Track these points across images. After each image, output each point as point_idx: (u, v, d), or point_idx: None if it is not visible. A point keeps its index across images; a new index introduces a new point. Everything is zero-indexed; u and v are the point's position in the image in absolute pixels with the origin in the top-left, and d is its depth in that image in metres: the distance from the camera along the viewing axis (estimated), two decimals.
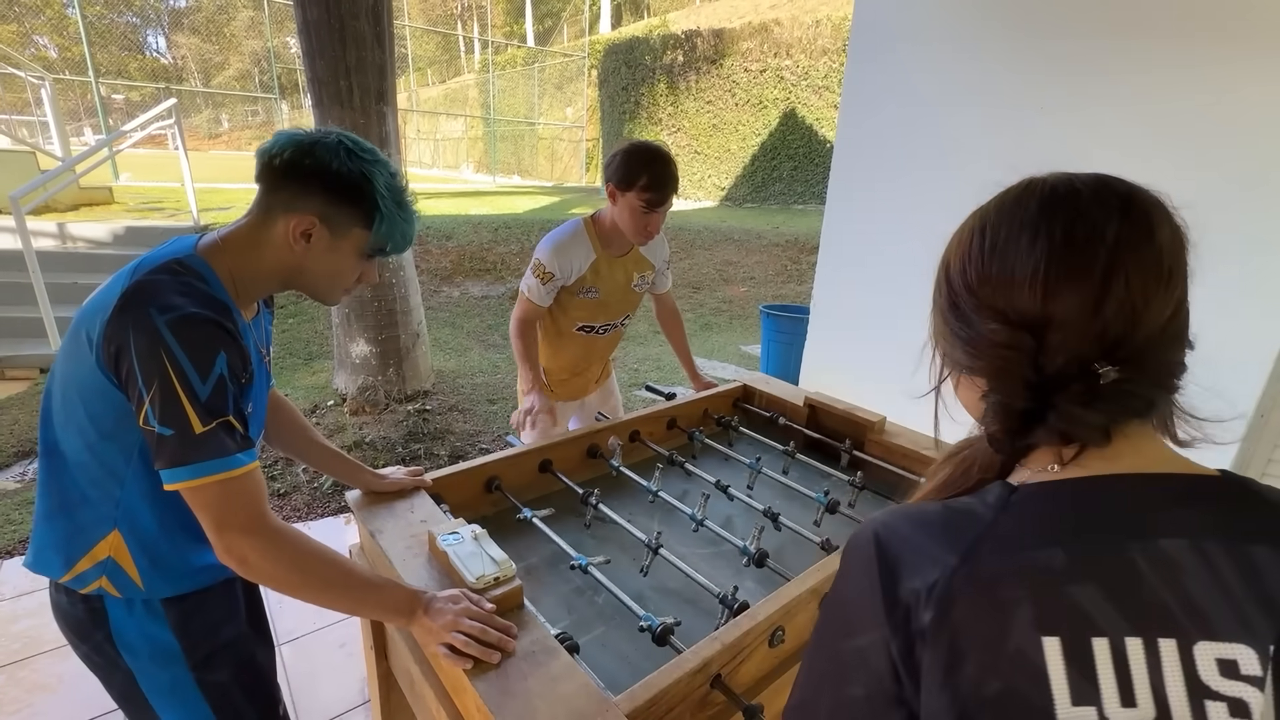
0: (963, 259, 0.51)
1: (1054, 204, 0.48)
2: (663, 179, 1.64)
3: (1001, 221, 0.50)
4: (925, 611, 0.43)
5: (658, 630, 0.99)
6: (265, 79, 18.18)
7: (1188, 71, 2.28)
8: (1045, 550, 0.43)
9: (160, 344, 0.76)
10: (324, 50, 3.10)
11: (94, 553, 0.87)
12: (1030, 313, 0.46)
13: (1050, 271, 0.46)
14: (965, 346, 0.51)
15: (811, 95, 10.89)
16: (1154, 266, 0.47)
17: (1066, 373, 0.45)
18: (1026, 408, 0.47)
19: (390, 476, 1.27)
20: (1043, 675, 0.40)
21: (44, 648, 1.91)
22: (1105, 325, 0.45)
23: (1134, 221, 0.47)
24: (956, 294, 0.51)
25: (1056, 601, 0.41)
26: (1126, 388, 0.45)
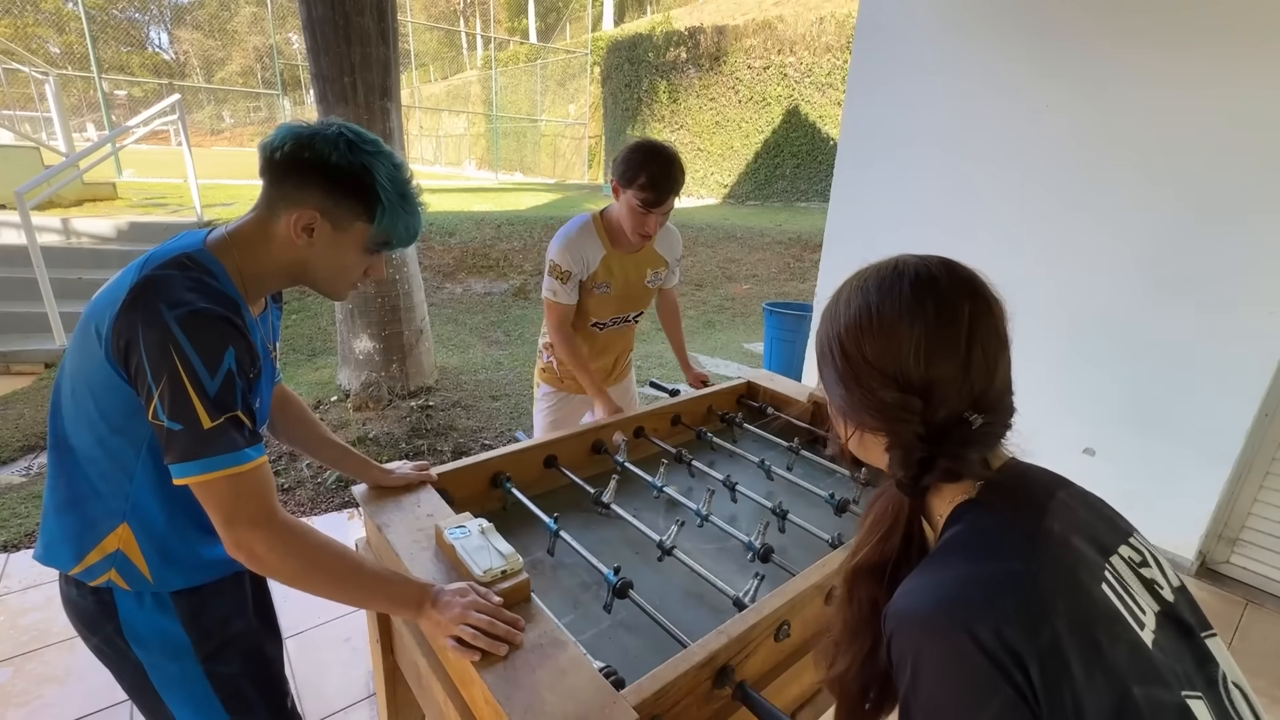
0: (856, 335, 0.62)
1: (920, 288, 0.61)
2: (659, 180, 1.60)
3: (883, 302, 0.61)
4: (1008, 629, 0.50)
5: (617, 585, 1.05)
6: (268, 75, 18.17)
7: (1192, 71, 2.28)
8: (1021, 525, 0.58)
9: (169, 339, 0.76)
10: (328, 46, 3.10)
11: (103, 545, 0.88)
12: (917, 378, 0.59)
13: (928, 345, 0.58)
14: (865, 412, 0.62)
15: (815, 92, 10.86)
16: (996, 335, 0.61)
17: (947, 424, 0.59)
18: (922, 456, 0.60)
19: (397, 471, 1.27)
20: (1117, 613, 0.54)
21: (52, 640, 1.93)
22: (971, 383, 0.59)
23: (978, 303, 0.61)
24: (855, 365, 0.62)
25: (1072, 554, 0.56)
26: (989, 429, 0.59)
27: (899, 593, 0.59)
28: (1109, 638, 0.51)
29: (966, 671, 0.51)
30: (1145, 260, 2.47)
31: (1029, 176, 2.73)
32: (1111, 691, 0.49)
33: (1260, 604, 2.40)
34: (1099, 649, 0.50)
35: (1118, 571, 0.57)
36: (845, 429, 0.67)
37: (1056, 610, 0.51)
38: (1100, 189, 2.55)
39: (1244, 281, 2.26)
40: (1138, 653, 0.52)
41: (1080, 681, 0.49)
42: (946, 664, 0.52)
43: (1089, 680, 0.49)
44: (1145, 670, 0.51)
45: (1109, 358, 2.59)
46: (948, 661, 0.52)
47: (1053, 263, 2.71)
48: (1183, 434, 2.46)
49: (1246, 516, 2.49)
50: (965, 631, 0.51)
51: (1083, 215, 2.60)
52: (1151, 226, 2.44)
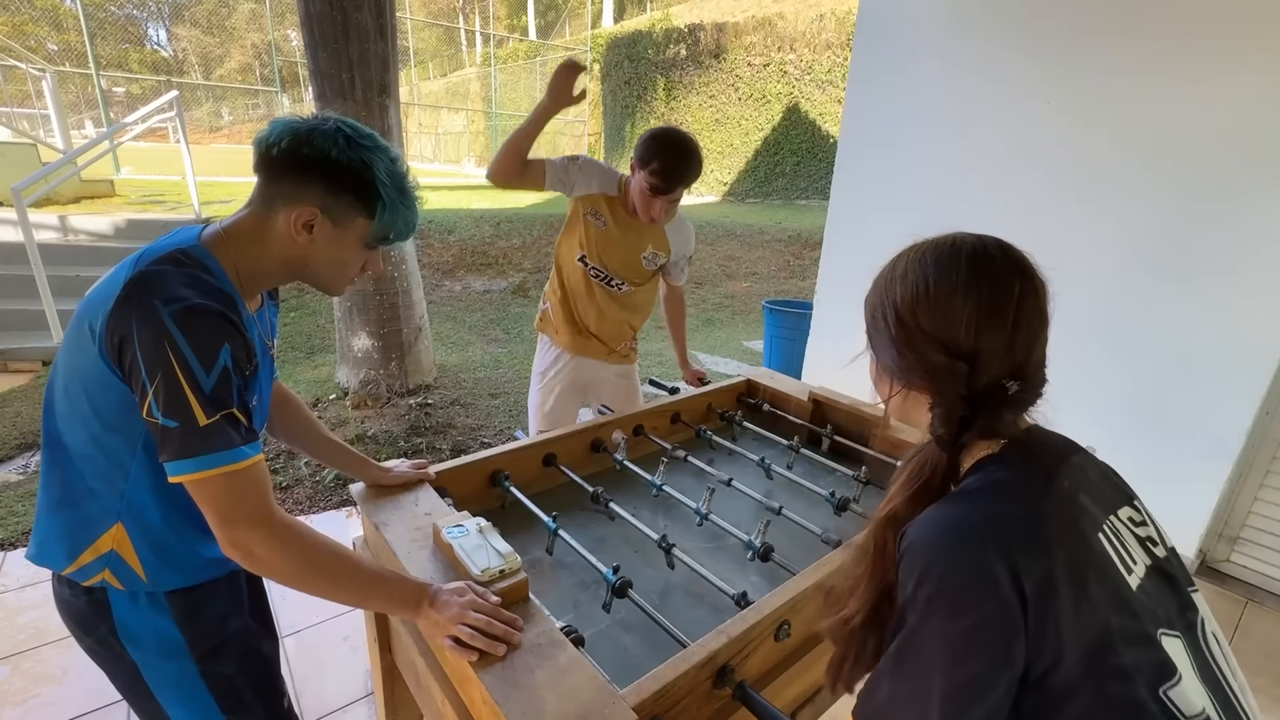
0: (912, 305, 0.69)
1: (976, 266, 0.67)
2: (669, 170, 1.67)
3: (941, 278, 0.68)
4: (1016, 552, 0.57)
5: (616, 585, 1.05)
6: (266, 72, 18.12)
7: (1194, 65, 2.26)
8: (1034, 480, 0.65)
9: (164, 335, 0.75)
10: (326, 43, 3.08)
11: (97, 545, 0.87)
12: (965, 347, 0.66)
13: (979, 319, 0.65)
14: (913, 373, 0.69)
15: (815, 90, 10.83)
16: (1040, 314, 0.68)
17: (988, 389, 0.66)
18: (963, 415, 0.67)
19: (395, 470, 1.26)
20: (1106, 555, 0.61)
21: (49, 638, 1.92)
22: (1014, 355, 0.66)
23: (1027, 282, 0.68)
24: (910, 331, 0.68)
25: (1075, 507, 0.63)
26: (1023, 395, 0.67)
27: (918, 520, 0.65)
28: (1097, 576, 0.59)
29: (970, 576, 0.57)
30: (1146, 256, 2.46)
31: (1030, 173, 2.72)
32: (1093, 620, 0.57)
33: (1260, 602, 2.40)
34: (1087, 585, 0.58)
35: (1116, 527, 0.65)
36: (889, 389, 0.73)
37: (1055, 549, 0.58)
38: (1101, 185, 2.54)
39: (1246, 278, 2.26)
40: (1120, 592, 0.60)
41: (1066, 608, 0.56)
42: (953, 569, 0.59)
43: (1075, 609, 0.56)
44: (1125, 607, 0.59)
45: (1110, 354, 2.59)
46: (955, 567, 0.59)
47: (1054, 259, 2.67)
48: (1183, 431, 2.45)
49: (1247, 515, 2.49)
50: (977, 545, 0.59)
51: (1084, 212, 2.60)
52: (1152, 222, 2.43)
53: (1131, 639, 0.58)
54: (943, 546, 0.60)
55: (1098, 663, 0.56)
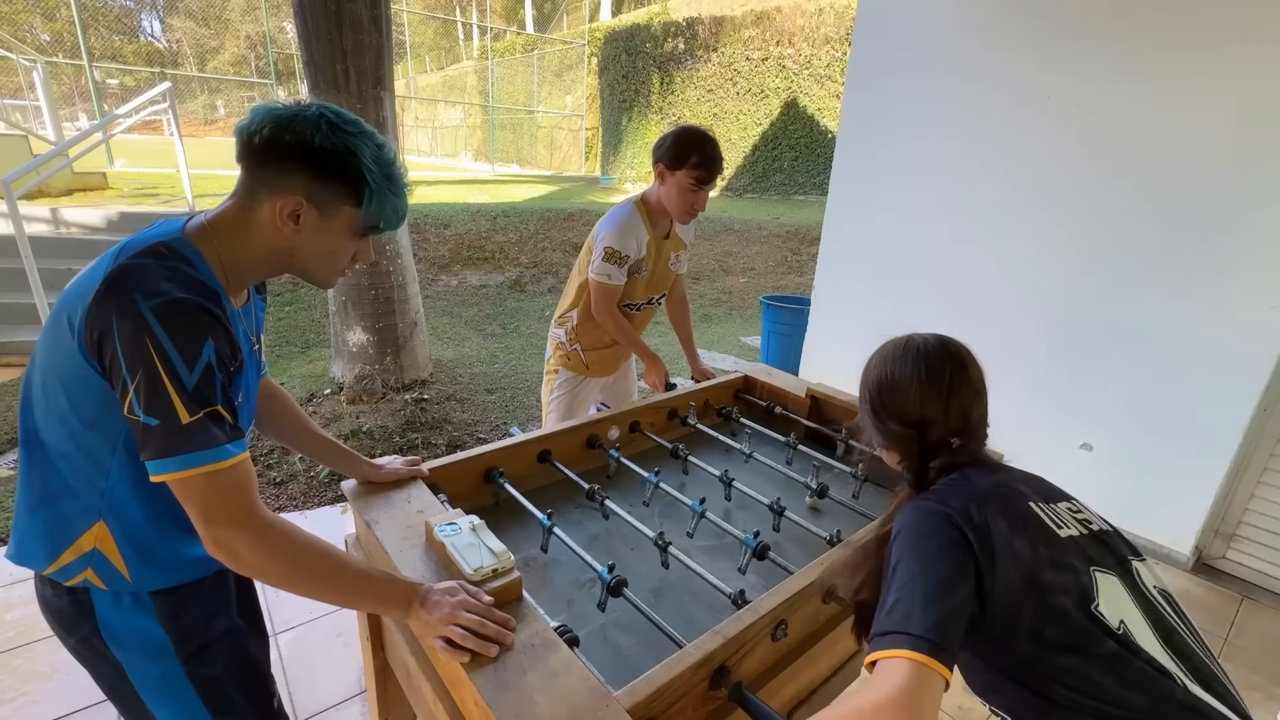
0: (877, 389, 0.93)
1: (918, 359, 0.90)
2: (712, 158, 1.76)
3: (895, 369, 0.92)
4: (976, 513, 0.79)
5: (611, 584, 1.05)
6: (261, 64, 17.99)
7: (1193, 64, 2.25)
8: (987, 477, 0.85)
9: (145, 330, 0.73)
10: (320, 33, 3.05)
11: (78, 545, 0.85)
12: (914, 418, 0.89)
13: (921, 396, 0.89)
14: (884, 437, 0.93)
15: (813, 84, 10.79)
16: (971, 389, 0.90)
17: (936, 445, 0.89)
18: (922, 464, 0.90)
19: (387, 466, 1.24)
20: (1039, 518, 0.81)
21: (38, 635, 1.90)
22: (950, 420, 0.88)
23: (958, 366, 0.90)
24: (876, 408, 0.93)
25: (1015, 491, 0.84)
26: (965, 448, 0.90)
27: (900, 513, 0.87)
28: (1024, 525, 0.79)
29: (930, 524, 0.79)
30: (1145, 254, 2.45)
31: (1028, 168, 2.71)
32: (1025, 553, 0.76)
33: (1256, 599, 2.40)
34: (1016, 529, 0.78)
35: (1049, 507, 0.84)
36: (875, 448, 0.98)
37: (989, 506, 0.79)
38: (1100, 181, 2.52)
39: (1244, 276, 2.25)
40: (1047, 536, 0.79)
41: (1001, 544, 0.76)
42: (919, 520, 0.80)
43: (1009, 546, 0.76)
44: (1051, 544, 0.78)
45: (1108, 352, 2.58)
46: (920, 519, 0.81)
47: (1051, 255, 2.69)
48: (1181, 429, 2.45)
49: (1243, 512, 2.49)
50: (933, 508, 0.81)
51: (1081, 208, 2.58)
52: (1151, 220, 2.42)
53: (1055, 565, 0.76)
54: (911, 517, 0.82)
55: (1030, 583, 0.74)
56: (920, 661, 0.64)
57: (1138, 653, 0.72)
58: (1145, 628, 0.75)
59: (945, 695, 1.19)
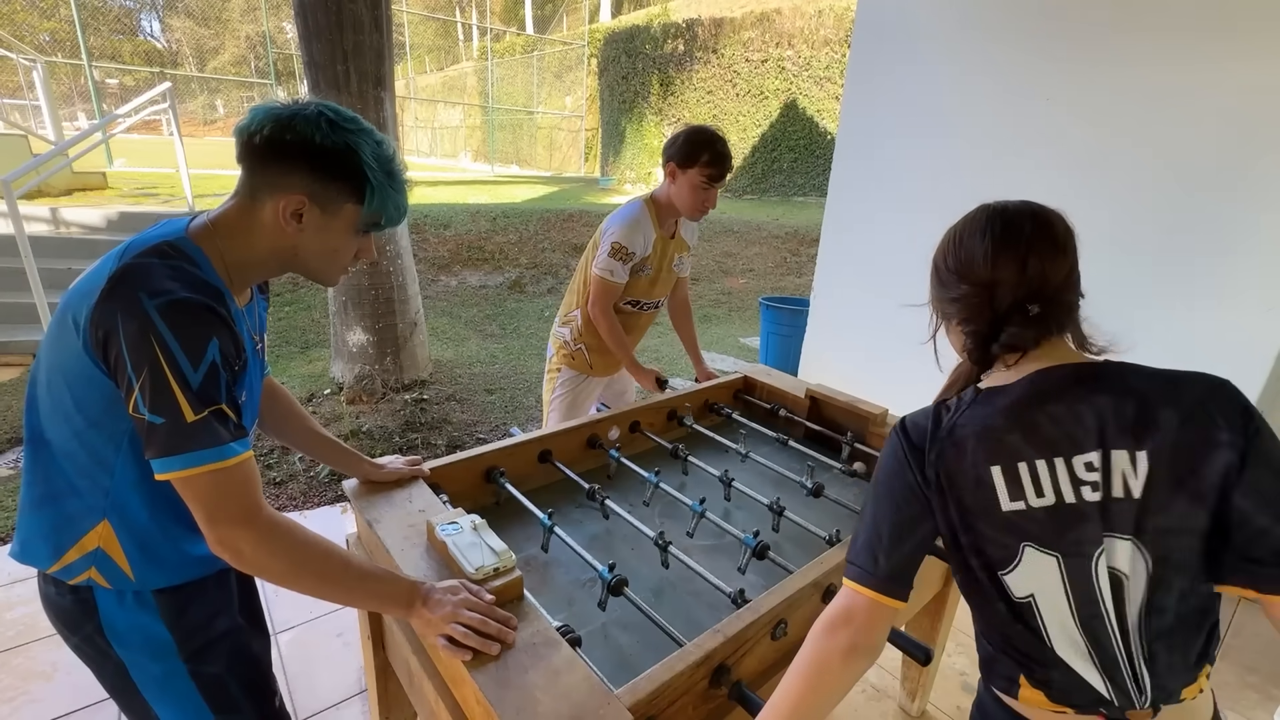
0: (944, 253, 0.86)
1: (994, 214, 0.82)
2: (722, 156, 1.80)
3: (964, 228, 0.84)
4: (930, 461, 0.78)
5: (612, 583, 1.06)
6: (261, 64, 17.99)
7: (1191, 62, 2.26)
8: (992, 418, 0.76)
9: (150, 329, 0.73)
10: (321, 33, 3.05)
11: (83, 543, 0.85)
12: (985, 278, 0.79)
13: (994, 254, 0.79)
14: (951, 302, 0.83)
15: (813, 86, 10.81)
16: (1052, 248, 0.78)
17: (1010, 310, 0.78)
18: (990, 333, 0.79)
19: (388, 466, 1.25)
20: (990, 486, 0.75)
21: (39, 634, 1.90)
22: (1028, 282, 0.77)
23: (1039, 222, 0.80)
24: (942, 274, 0.85)
25: (997, 445, 0.75)
26: (1044, 316, 0.77)
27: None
28: (972, 491, 0.75)
29: (894, 462, 0.81)
30: (1142, 255, 2.46)
31: (1028, 168, 2.71)
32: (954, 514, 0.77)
33: (1252, 600, 2.40)
34: (958, 493, 0.76)
35: (1034, 468, 0.74)
36: (936, 323, 0.89)
37: (954, 459, 0.76)
38: (1097, 184, 2.53)
39: (1242, 275, 2.26)
40: (986, 506, 0.75)
41: (940, 503, 0.77)
42: (887, 455, 0.82)
43: (944, 508, 0.77)
44: (986, 514, 0.75)
45: (1104, 352, 2.59)
46: (888, 455, 0.82)
47: None
48: None
49: None
50: (899, 445, 0.80)
51: (1080, 208, 2.57)
52: (1148, 221, 2.43)
53: (976, 535, 0.76)
54: (886, 447, 0.83)
55: (955, 542, 0.78)
56: (873, 597, 0.77)
57: (1027, 622, 0.76)
58: (1064, 606, 0.74)
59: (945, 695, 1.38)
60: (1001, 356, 0.80)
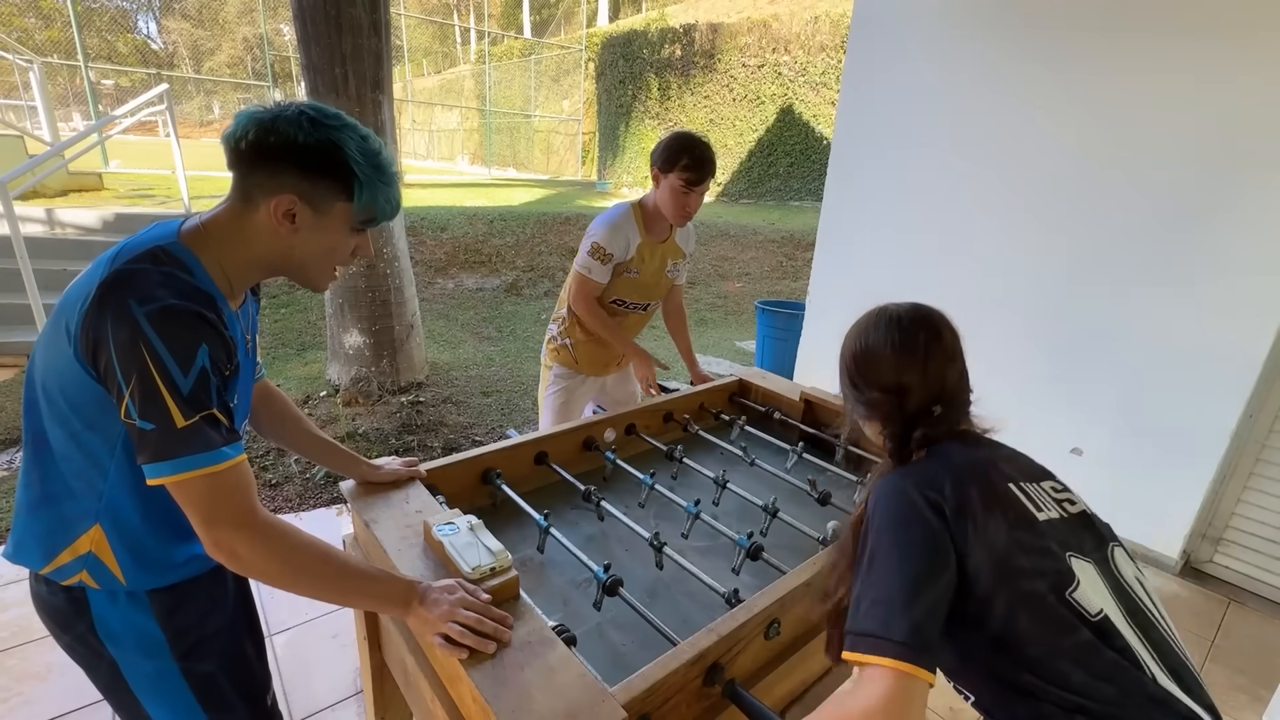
0: (853, 359, 0.93)
1: (891, 326, 0.90)
2: (701, 160, 1.79)
3: (870, 338, 0.92)
4: (951, 493, 0.78)
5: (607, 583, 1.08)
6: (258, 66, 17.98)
7: (1185, 69, 2.29)
8: (971, 454, 0.85)
9: (139, 336, 0.73)
10: (319, 37, 3.06)
11: (75, 546, 0.86)
12: (892, 384, 0.89)
13: (897, 363, 0.88)
14: (864, 407, 0.92)
15: (809, 91, 10.87)
16: (946, 354, 0.89)
17: (918, 411, 0.87)
18: (904, 433, 0.88)
19: (385, 467, 1.26)
20: (1018, 500, 0.81)
21: (33, 635, 1.90)
22: (929, 385, 0.87)
23: (931, 331, 0.90)
24: (854, 379, 0.93)
25: (995, 469, 0.83)
26: (948, 414, 0.88)
27: (877, 484, 0.86)
28: (1002, 507, 0.79)
29: (904, 504, 0.79)
30: (1132, 260, 2.49)
31: (1022, 174, 2.74)
32: (999, 535, 0.76)
33: (1243, 603, 2.43)
34: (993, 510, 0.78)
35: (1028, 487, 0.83)
36: (857, 422, 0.97)
37: (966, 487, 0.79)
38: (1090, 187, 2.56)
39: (1231, 281, 2.28)
40: (1025, 518, 0.79)
41: (978, 525, 0.76)
42: (894, 503, 0.80)
43: (984, 527, 0.76)
44: (1029, 528, 0.78)
45: (1098, 356, 2.61)
46: (895, 501, 0.80)
47: (1042, 260, 2.72)
48: (1169, 434, 2.48)
49: (1230, 516, 2.52)
50: (904, 489, 0.81)
51: (1072, 213, 2.62)
52: (1139, 225, 2.46)
53: (1032, 550, 0.76)
54: (886, 498, 0.81)
55: (1005, 566, 0.74)
56: (904, 671, 0.66)
57: (1113, 642, 0.71)
58: (1121, 617, 0.74)
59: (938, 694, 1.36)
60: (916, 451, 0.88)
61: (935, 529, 0.75)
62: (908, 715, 0.65)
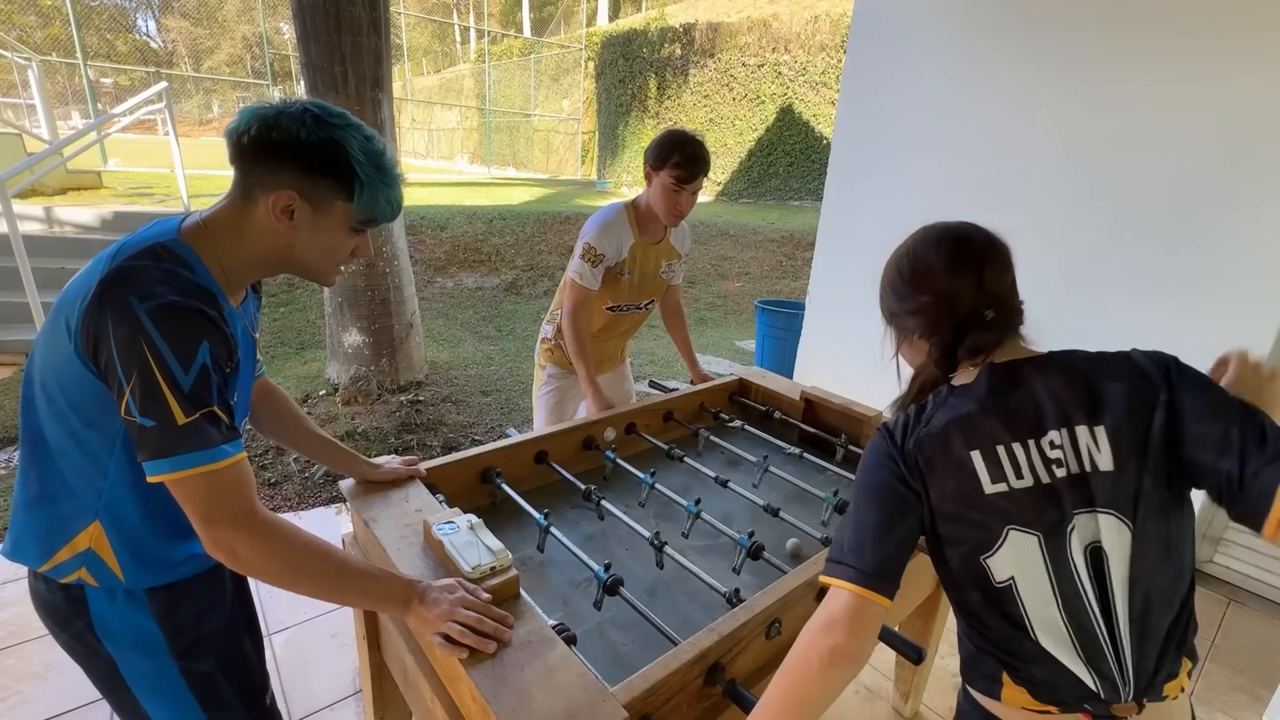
0: (897, 270, 0.91)
1: (943, 231, 0.88)
2: (692, 158, 1.75)
3: (915, 246, 0.90)
4: (911, 452, 0.82)
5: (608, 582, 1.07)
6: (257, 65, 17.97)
7: (1186, 70, 2.29)
8: (966, 408, 0.82)
9: (140, 333, 0.73)
10: (319, 35, 3.06)
11: (74, 544, 0.85)
12: (945, 288, 0.85)
13: (952, 264, 0.85)
14: (910, 315, 0.88)
15: (809, 91, 10.87)
16: (999, 260, 0.86)
17: (969, 316, 0.84)
18: (954, 340, 0.85)
19: (385, 466, 1.25)
20: (973, 471, 0.79)
21: (31, 635, 1.89)
22: (984, 290, 0.84)
23: (986, 237, 0.87)
24: (899, 289, 0.90)
25: (975, 431, 0.80)
26: (999, 320, 0.84)
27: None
28: (951, 478, 0.79)
29: (876, 459, 0.84)
30: (1132, 261, 2.49)
31: (1022, 175, 2.74)
32: (939, 499, 0.80)
33: (1243, 603, 2.43)
34: (942, 478, 0.80)
35: (1013, 450, 0.79)
36: (898, 340, 0.94)
37: (937, 448, 0.80)
38: (1089, 188, 2.56)
39: (1232, 282, 2.28)
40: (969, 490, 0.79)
41: (927, 485, 0.81)
42: (870, 454, 0.86)
43: (928, 490, 0.81)
44: (968, 500, 0.79)
45: None
46: (871, 453, 0.86)
47: (1042, 261, 2.71)
48: None
49: None
50: (882, 443, 0.85)
51: (1070, 214, 2.62)
52: (1139, 226, 2.46)
53: (962, 521, 0.79)
54: (869, 447, 0.87)
55: (942, 527, 0.81)
56: (859, 593, 0.76)
57: (1005, 607, 0.79)
58: (1046, 585, 0.77)
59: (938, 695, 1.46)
60: (964, 361, 0.86)
61: (895, 480, 0.82)
62: (863, 626, 0.75)
